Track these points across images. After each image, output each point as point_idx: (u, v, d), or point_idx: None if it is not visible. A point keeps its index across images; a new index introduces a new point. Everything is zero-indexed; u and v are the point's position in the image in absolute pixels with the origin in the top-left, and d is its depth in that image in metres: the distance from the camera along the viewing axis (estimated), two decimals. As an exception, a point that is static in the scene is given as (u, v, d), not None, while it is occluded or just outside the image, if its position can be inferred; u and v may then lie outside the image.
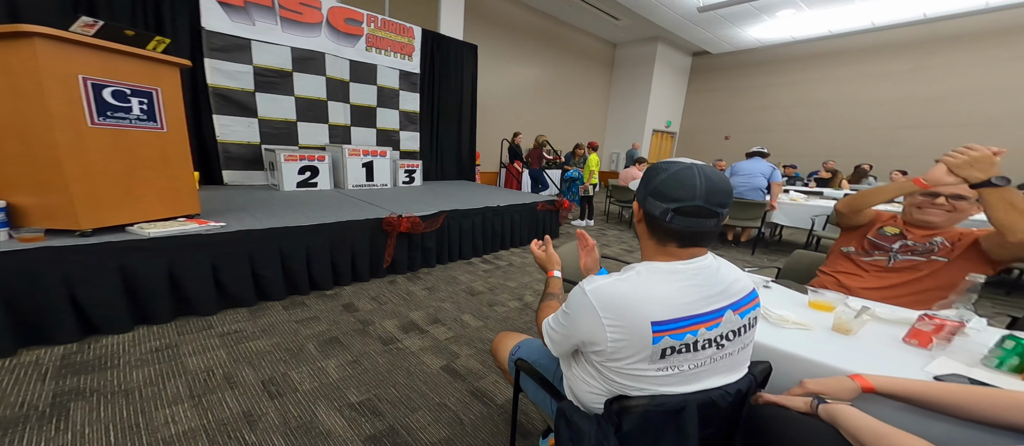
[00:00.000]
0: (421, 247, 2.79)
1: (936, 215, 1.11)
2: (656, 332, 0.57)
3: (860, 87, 6.99)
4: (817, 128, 7.61)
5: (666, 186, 0.60)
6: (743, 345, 0.66)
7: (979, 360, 0.76)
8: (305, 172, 3.54)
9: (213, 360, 1.55)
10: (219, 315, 1.90)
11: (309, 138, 4.06)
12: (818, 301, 1.02)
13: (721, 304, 0.61)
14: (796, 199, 3.59)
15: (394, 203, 3.13)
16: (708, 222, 0.59)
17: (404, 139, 4.90)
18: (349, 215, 2.49)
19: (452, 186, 4.76)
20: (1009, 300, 2.64)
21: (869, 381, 0.66)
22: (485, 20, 6.37)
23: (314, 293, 2.27)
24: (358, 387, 1.46)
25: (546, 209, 3.88)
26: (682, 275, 0.61)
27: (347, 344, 1.75)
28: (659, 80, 8.61)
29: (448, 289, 2.49)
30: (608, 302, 0.59)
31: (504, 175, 6.72)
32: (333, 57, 4.00)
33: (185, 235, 1.77)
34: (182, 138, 1.91)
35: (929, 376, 0.72)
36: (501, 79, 7.04)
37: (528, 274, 2.89)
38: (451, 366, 1.63)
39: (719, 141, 9.19)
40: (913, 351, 0.82)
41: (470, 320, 2.07)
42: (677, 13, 6.08)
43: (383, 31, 4.32)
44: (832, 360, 0.77)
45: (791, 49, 7.57)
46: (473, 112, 5.61)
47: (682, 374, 0.61)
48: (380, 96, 4.53)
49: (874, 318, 0.93)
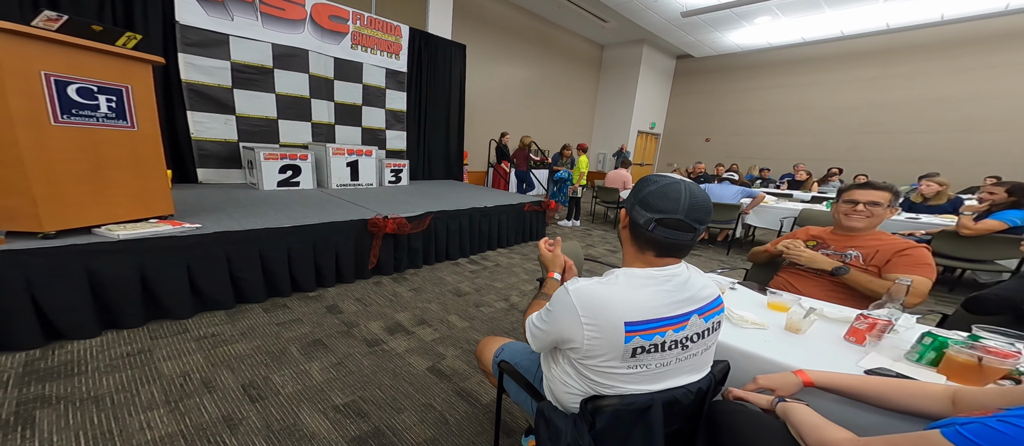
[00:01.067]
0: (407, 248, 2.80)
1: (858, 220, 1.26)
2: (628, 332, 0.62)
3: (828, 93, 7.43)
4: (789, 132, 8.05)
5: (653, 197, 0.65)
6: (706, 347, 0.72)
7: (903, 355, 0.86)
8: (286, 171, 3.47)
9: (189, 364, 1.52)
10: (195, 318, 1.86)
11: (291, 136, 3.99)
12: (776, 302, 1.12)
13: (688, 309, 0.67)
14: (767, 202, 3.82)
15: (380, 203, 3.12)
16: (685, 235, 0.65)
17: (390, 138, 4.86)
18: (333, 216, 2.47)
19: (439, 186, 4.76)
20: (951, 297, 2.83)
21: (809, 376, 0.75)
22: (474, 19, 6.40)
23: (296, 295, 2.24)
24: (343, 389, 1.47)
25: (533, 210, 3.95)
26: (655, 281, 0.66)
27: (331, 346, 1.75)
28: (644, 82, 8.86)
29: (434, 290, 2.52)
30: (587, 302, 0.64)
31: (492, 175, 6.76)
32: (317, 54, 3.94)
33: (157, 237, 1.73)
34: (154, 137, 1.86)
35: (861, 370, 0.80)
36: (489, 79, 7.08)
37: (515, 275, 2.94)
38: (437, 367, 1.65)
39: (701, 143, 9.55)
40: (851, 347, 0.91)
41: (456, 321, 2.10)
42: (662, 17, 6.30)
43: (369, 29, 4.28)
44: (782, 358, 0.84)
45: (767, 55, 7.96)
46: (461, 112, 5.62)
47: (649, 372, 0.66)
48: (366, 94, 4.49)
49: (821, 317, 1.02)
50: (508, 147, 6.65)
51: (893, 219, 2.95)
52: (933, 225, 2.76)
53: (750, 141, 8.65)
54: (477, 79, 6.69)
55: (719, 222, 3.72)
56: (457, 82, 5.40)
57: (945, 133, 6.33)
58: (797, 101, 7.84)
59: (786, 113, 8.04)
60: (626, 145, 8.91)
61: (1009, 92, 5.72)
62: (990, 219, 2.41)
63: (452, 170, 5.72)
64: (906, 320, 0.98)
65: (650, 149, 10.33)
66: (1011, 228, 2.34)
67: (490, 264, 3.19)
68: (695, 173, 5.82)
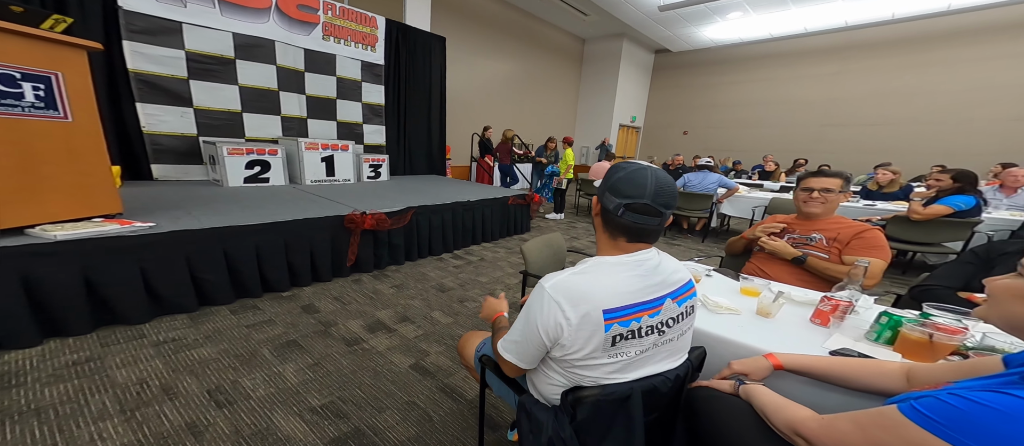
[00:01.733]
0: (388, 244, 2.73)
1: (815, 206, 1.37)
2: (607, 320, 0.63)
3: (793, 88, 7.93)
4: (759, 125, 8.53)
5: (621, 183, 0.66)
6: (682, 331, 0.73)
7: (863, 335, 0.90)
8: (254, 167, 3.29)
9: (147, 371, 1.42)
10: (153, 323, 1.74)
11: (258, 130, 3.78)
12: (748, 287, 1.17)
13: (661, 293, 0.68)
14: (740, 192, 4.04)
15: (358, 199, 3.02)
16: (653, 220, 0.66)
17: (368, 132, 4.72)
18: (307, 212, 2.37)
19: (421, 181, 4.66)
20: (904, 278, 3.07)
21: (779, 359, 0.78)
22: (453, 11, 6.29)
23: (268, 295, 2.14)
24: (320, 390, 1.42)
25: (517, 204, 3.95)
26: (627, 266, 0.67)
27: (307, 347, 1.68)
28: (625, 76, 9.04)
29: (417, 286, 2.47)
30: (566, 293, 0.64)
31: (475, 169, 6.71)
32: (284, 45, 3.75)
33: (102, 237, 1.59)
34: (93, 129, 1.70)
35: (826, 351, 0.84)
36: (471, 72, 7.00)
37: (499, 269, 2.94)
38: (420, 364, 1.63)
39: (678, 136, 9.89)
40: (817, 329, 0.96)
41: (440, 317, 2.08)
42: (640, 10, 6.46)
43: (342, 20, 4.11)
44: (754, 342, 0.88)
45: (738, 50, 8.35)
46: (442, 105, 5.53)
47: (629, 361, 0.67)
48: (340, 87, 4.32)
49: (789, 301, 1.08)
50: (491, 141, 6.63)
51: (852, 206, 3.19)
52: (887, 211, 3.00)
53: (723, 134, 9.06)
54: (458, 72, 6.59)
55: (695, 211, 3.86)
56: (437, 75, 5.30)
57: (897, 125, 6.88)
58: (765, 95, 8.29)
59: (755, 107, 8.48)
60: (608, 138, 9.08)
61: (952, 87, 6.29)
62: (937, 205, 2.58)
63: (434, 164, 5.63)
64: (865, 301, 1.04)
65: (631, 142, 10.59)
66: (956, 212, 2.52)
67: (474, 259, 3.17)
68: (674, 165, 6.02)
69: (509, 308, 0.95)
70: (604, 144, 8.70)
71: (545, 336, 0.65)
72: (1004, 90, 5.83)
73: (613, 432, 0.68)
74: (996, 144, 5.94)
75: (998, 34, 5.76)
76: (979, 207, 2.54)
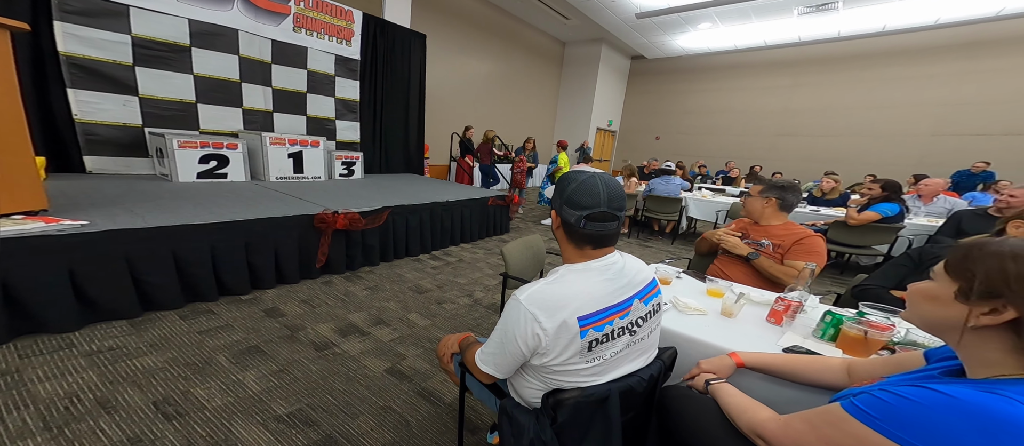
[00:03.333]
0: (362, 245, 2.65)
1: (746, 210, 1.58)
2: (582, 326, 0.66)
3: (752, 98, 8.66)
4: (722, 132, 9.21)
5: (577, 195, 0.69)
6: (651, 329, 0.78)
7: (811, 332, 1.00)
8: (209, 161, 3.09)
9: (78, 384, 1.28)
10: (85, 331, 1.57)
11: (215, 123, 3.56)
12: (713, 289, 1.26)
13: (629, 294, 0.72)
14: (706, 196, 4.35)
15: (329, 197, 2.92)
16: (611, 225, 0.70)
17: (341, 128, 4.57)
18: (271, 211, 2.26)
19: (397, 179, 4.58)
20: (842, 278, 3.36)
21: (740, 358, 0.85)
22: (434, 9, 6.29)
23: (225, 299, 2.01)
24: (286, 398, 1.35)
25: (497, 204, 3.98)
26: (595, 271, 0.71)
27: (271, 353, 1.60)
28: (603, 80, 9.40)
29: (393, 288, 2.42)
30: (542, 303, 0.66)
31: (455, 169, 6.69)
32: (249, 35, 3.57)
33: (23, 236, 1.43)
34: (15, 117, 1.54)
35: (780, 348, 0.92)
36: (452, 71, 7.00)
37: (478, 270, 2.93)
38: (396, 368, 1.59)
39: (651, 141, 10.41)
40: (772, 328, 1.04)
41: (417, 319, 2.04)
42: (618, 17, 6.80)
43: (315, 12, 3.99)
44: (719, 341, 0.94)
45: (706, 60, 9.00)
46: (421, 104, 5.48)
47: (605, 363, 0.71)
48: (312, 81, 4.17)
49: (749, 302, 1.17)
50: (472, 141, 6.64)
51: (799, 211, 3.52)
52: (830, 216, 3.34)
53: (692, 139, 9.68)
54: (439, 71, 6.57)
55: (665, 214, 4.11)
56: (417, 73, 5.25)
57: (839, 137, 7.69)
58: (729, 104, 8.97)
59: (720, 114, 9.15)
60: (587, 141, 9.38)
61: (883, 102, 7.14)
62: (868, 211, 2.87)
63: (412, 163, 5.54)
64: (813, 301, 1.16)
65: (608, 145, 11.00)
66: (884, 218, 2.83)
67: (453, 260, 3.15)
68: (650, 169, 6.33)
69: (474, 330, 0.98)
70: (583, 147, 8.98)
71: (524, 347, 0.68)
72: (925, 107, 6.73)
73: (592, 433, 0.71)
74: (917, 156, 6.82)
75: (922, 56, 6.64)
76: (902, 214, 2.88)
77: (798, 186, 1.50)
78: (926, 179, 3.49)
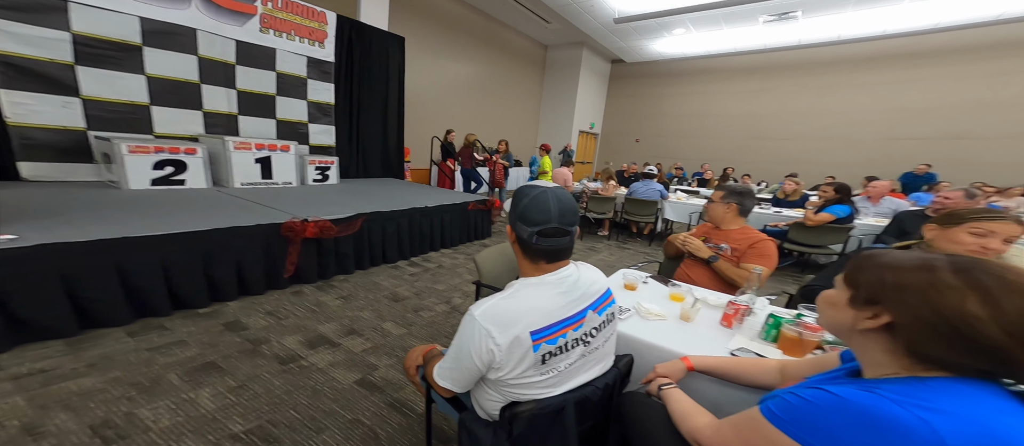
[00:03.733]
0: (335, 253, 2.58)
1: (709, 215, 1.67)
2: (535, 340, 0.68)
3: (723, 102, 9.12)
4: (697, 135, 9.64)
5: (528, 210, 0.71)
6: (606, 338, 0.79)
7: (758, 335, 1.05)
8: (165, 167, 2.93)
9: (1, 410, 1.17)
10: (12, 353, 1.45)
11: (171, 126, 3.38)
12: (675, 293, 1.31)
13: (582, 306, 0.74)
14: (681, 198, 4.55)
15: (300, 204, 2.83)
16: (563, 239, 0.72)
17: (315, 132, 4.45)
18: (234, 220, 2.16)
19: (376, 184, 4.49)
20: (803, 277, 3.20)
21: (691, 362, 0.88)
22: (414, 11, 6.26)
23: (180, 313, 1.90)
24: (244, 415, 1.29)
25: (478, 209, 3.98)
26: (549, 285, 0.73)
27: (229, 368, 1.52)
28: (584, 84, 9.61)
29: (368, 296, 2.36)
30: (495, 318, 0.68)
31: (437, 174, 6.64)
32: (210, 35, 3.43)
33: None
34: None
35: (729, 351, 0.96)
36: (433, 74, 6.97)
37: (458, 276, 2.91)
38: (367, 379, 1.55)
39: (632, 143, 10.76)
40: (725, 331, 1.09)
41: (392, 328, 2.00)
42: (598, 21, 7.01)
43: (284, 12, 3.89)
44: (676, 346, 0.97)
45: (682, 64, 9.40)
46: (400, 107, 5.42)
47: (560, 375, 0.72)
48: (281, 84, 4.05)
49: (706, 305, 1.21)
50: (454, 145, 6.63)
51: (763, 212, 3.73)
52: (790, 217, 3.54)
53: (670, 142, 10.08)
54: (419, 74, 6.53)
55: (644, 217, 4.27)
56: (395, 76, 5.20)
57: (801, 140, 8.23)
58: (703, 108, 9.42)
59: (695, 118, 9.58)
60: (570, 144, 9.56)
61: (839, 107, 7.70)
62: (823, 213, 3.03)
63: (392, 167, 5.47)
64: (762, 303, 1.21)
65: (590, 148, 11.26)
66: (837, 219, 2.99)
67: (432, 265, 3.11)
68: (629, 172, 6.52)
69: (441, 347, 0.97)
70: (566, 149, 9.15)
71: (479, 362, 0.69)
72: (875, 113, 7.33)
73: (549, 443, 0.73)
74: (869, 159, 7.38)
75: (872, 64, 7.21)
76: (853, 215, 3.10)
77: (754, 192, 1.59)
78: (875, 181, 3.78)
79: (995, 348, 0.42)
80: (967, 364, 0.44)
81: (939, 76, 6.59)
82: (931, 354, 0.46)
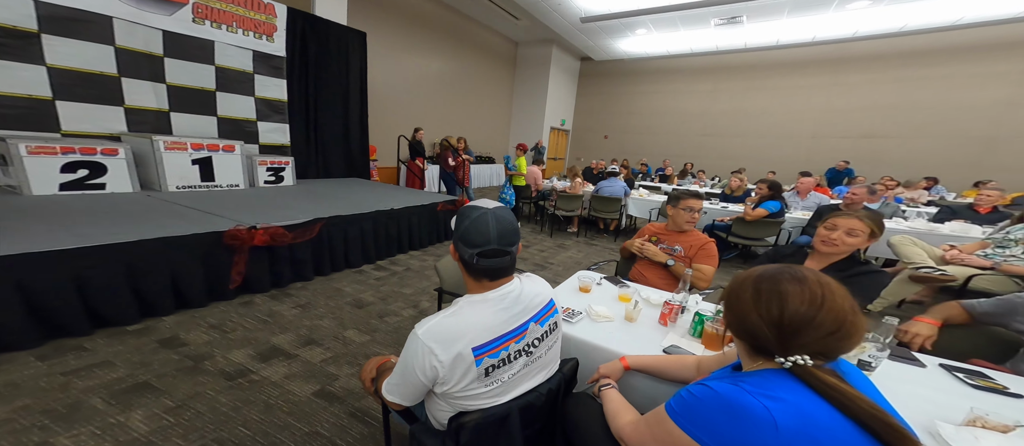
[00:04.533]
0: (290, 259, 2.47)
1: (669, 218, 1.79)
2: (477, 356, 0.73)
3: (681, 101, 9.90)
4: (660, 132, 10.37)
5: (469, 233, 0.75)
6: (549, 347, 0.85)
7: (688, 331, 1.14)
8: (77, 170, 2.64)
9: None
10: None
11: (83, 123, 3.03)
12: (623, 294, 1.39)
13: (524, 319, 0.79)
14: (643, 195, 4.79)
15: (248, 209, 2.68)
16: (504, 259, 0.76)
17: (265, 131, 4.20)
18: (163, 229, 2.00)
19: (337, 185, 4.34)
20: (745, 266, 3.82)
21: (627, 361, 0.96)
22: (376, 6, 6.07)
23: (103, 332, 1.73)
24: (185, 436, 1.23)
25: (447, 209, 3.97)
26: (491, 302, 0.77)
27: (165, 388, 1.43)
28: (555, 81, 9.91)
29: (328, 304, 2.29)
30: (437, 337, 0.72)
31: (405, 174, 6.50)
32: (129, 24, 3.11)
33: None
34: None
35: (661, 348, 1.05)
36: (399, 71, 6.80)
37: (426, 279, 2.89)
38: (327, 390, 1.52)
39: (601, 140, 11.25)
40: (661, 329, 1.18)
41: (354, 336, 1.96)
42: (565, 19, 7.27)
43: (223, 3, 3.62)
44: (618, 346, 1.05)
45: (646, 64, 10.03)
46: (363, 104, 5.25)
47: (504, 385, 0.78)
48: (223, 78, 3.77)
49: (647, 305, 1.32)
50: (423, 144, 6.51)
51: (712, 207, 4.12)
52: (734, 212, 3.93)
53: (635, 139, 10.73)
54: (384, 70, 6.36)
55: (610, 213, 4.57)
56: (357, 72, 5.04)
57: (747, 137, 9.15)
58: (664, 106, 10.14)
59: (658, 115, 10.28)
60: (541, 141, 9.79)
61: (778, 107, 8.67)
62: (759, 208, 3.41)
63: (355, 167, 5.29)
64: (694, 301, 1.32)
65: (561, 144, 11.62)
66: (770, 214, 3.38)
67: (400, 269, 3.07)
68: (597, 168, 6.82)
69: None
70: (537, 146, 9.37)
71: (423, 377, 0.73)
72: (807, 113, 8.36)
73: None
74: (803, 155, 8.42)
75: (804, 68, 8.19)
76: (783, 210, 3.53)
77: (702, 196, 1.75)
78: (804, 177, 4.30)
79: (753, 330, 0.56)
80: (766, 350, 0.57)
81: (857, 81, 7.63)
82: (749, 344, 0.59)
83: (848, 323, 0.53)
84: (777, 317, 0.54)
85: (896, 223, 3.39)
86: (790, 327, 0.54)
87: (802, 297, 0.54)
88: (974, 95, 6.61)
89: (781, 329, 0.54)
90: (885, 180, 5.45)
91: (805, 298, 0.53)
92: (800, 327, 0.53)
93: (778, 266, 0.60)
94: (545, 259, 3.50)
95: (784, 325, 0.54)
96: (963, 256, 2.33)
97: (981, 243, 2.49)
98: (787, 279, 0.56)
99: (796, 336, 0.54)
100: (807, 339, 0.53)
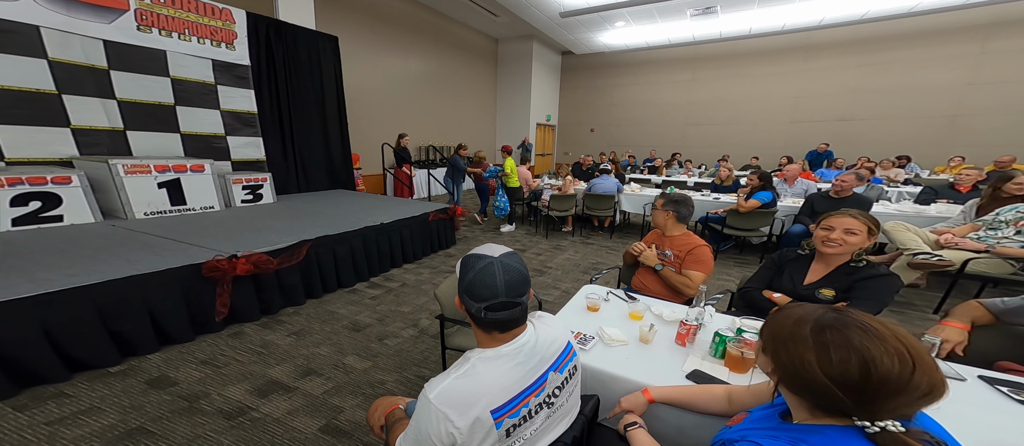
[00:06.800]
0: (279, 285, 2.44)
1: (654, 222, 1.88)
2: (496, 418, 0.71)
3: (664, 91, 10.40)
4: (645, 124, 10.84)
5: (474, 286, 0.73)
6: (569, 392, 0.83)
7: (708, 352, 1.13)
8: (28, 202, 2.50)
9: None
10: None
11: (25, 149, 2.87)
12: (634, 311, 1.39)
13: (542, 370, 0.77)
14: (635, 190, 4.97)
15: (227, 234, 2.63)
16: (515, 311, 0.74)
17: (236, 146, 4.10)
18: (132, 266, 1.91)
19: (321, 199, 4.28)
20: (742, 257, 3.84)
21: (651, 394, 0.94)
22: (347, 8, 6.03)
23: (83, 376, 1.68)
24: (192, 481, 1.21)
25: (439, 218, 4.00)
26: (506, 357, 0.74)
27: (163, 432, 1.40)
28: (537, 76, 10.14)
29: (323, 329, 2.28)
30: (451, 401, 0.69)
31: (393, 182, 6.46)
32: (63, 34, 2.94)
33: None
34: None
35: (684, 374, 1.02)
36: (378, 75, 6.76)
37: (424, 294, 2.90)
38: (333, 424, 1.52)
39: (588, 133, 11.61)
40: (680, 350, 1.17)
41: (355, 362, 1.95)
42: (545, 14, 7.49)
43: (171, 9, 3.50)
44: (637, 374, 1.03)
45: (627, 56, 10.46)
46: (341, 112, 5.21)
47: (526, 442, 0.76)
48: (181, 91, 3.65)
49: (661, 323, 1.32)
50: (408, 150, 6.49)
51: (704, 199, 4.35)
52: (727, 204, 4.12)
53: (621, 131, 11.14)
54: (361, 76, 6.32)
55: (603, 211, 4.76)
56: (331, 79, 4.99)
57: (728, 125, 9.71)
58: (647, 97, 10.60)
59: (641, 107, 10.74)
60: (528, 137, 9.98)
61: (755, 94, 9.23)
62: (752, 199, 3.57)
63: (339, 178, 5.23)
64: (709, 314, 1.33)
65: (548, 140, 11.90)
66: (763, 205, 3.56)
67: (395, 284, 3.07)
68: (586, 164, 7.00)
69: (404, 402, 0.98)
70: (524, 143, 9.53)
71: (440, 443, 0.71)
72: (783, 99, 8.98)
73: None
74: (783, 140, 9.05)
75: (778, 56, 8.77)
76: (775, 200, 3.73)
77: (690, 200, 1.81)
78: (789, 164, 4.59)
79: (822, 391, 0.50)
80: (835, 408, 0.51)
81: (827, 67, 8.28)
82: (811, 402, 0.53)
83: (939, 382, 0.47)
84: (860, 381, 0.47)
85: (884, 206, 3.65)
86: (880, 393, 0.47)
87: (890, 357, 0.47)
88: (937, 77, 7.27)
89: (864, 393, 0.48)
90: (862, 161, 5.89)
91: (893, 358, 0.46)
92: (894, 392, 0.47)
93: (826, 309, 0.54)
94: (542, 263, 3.56)
95: (869, 389, 0.47)
96: (957, 240, 2.42)
97: (972, 226, 2.59)
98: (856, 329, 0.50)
99: (885, 401, 0.47)
100: (897, 403, 0.47)
